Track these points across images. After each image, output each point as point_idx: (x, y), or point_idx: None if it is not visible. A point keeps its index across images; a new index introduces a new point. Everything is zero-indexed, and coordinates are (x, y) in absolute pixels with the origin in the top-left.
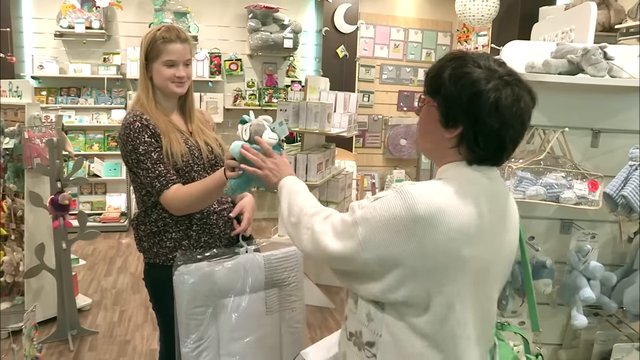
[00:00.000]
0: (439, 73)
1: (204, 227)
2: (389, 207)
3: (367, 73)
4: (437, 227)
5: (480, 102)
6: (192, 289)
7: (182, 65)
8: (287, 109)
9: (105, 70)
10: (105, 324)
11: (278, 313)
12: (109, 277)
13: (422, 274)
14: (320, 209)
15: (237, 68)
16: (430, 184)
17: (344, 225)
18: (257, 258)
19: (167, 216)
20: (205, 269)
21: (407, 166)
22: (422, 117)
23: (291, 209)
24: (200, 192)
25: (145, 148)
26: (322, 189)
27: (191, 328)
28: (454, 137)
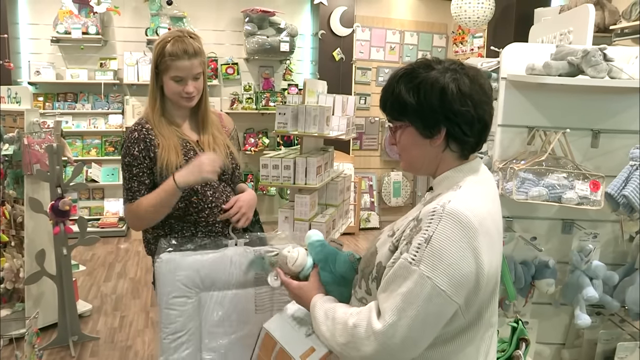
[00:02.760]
0: (396, 95)
1: (210, 235)
2: (449, 237)
3: (363, 76)
4: (486, 234)
5: (448, 96)
6: (173, 278)
7: (191, 79)
8: (285, 112)
9: (102, 76)
10: (106, 330)
11: (269, 312)
12: (109, 283)
13: (482, 286)
14: (358, 310)
15: (234, 72)
16: (460, 194)
17: (414, 296)
18: (247, 252)
19: (173, 221)
20: (188, 258)
21: None
22: (402, 143)
23: (333, 329)
24: (150, 202)
25: (129, 161)
26: (321, 192)
27: (171, 318)
28: (441, 141)
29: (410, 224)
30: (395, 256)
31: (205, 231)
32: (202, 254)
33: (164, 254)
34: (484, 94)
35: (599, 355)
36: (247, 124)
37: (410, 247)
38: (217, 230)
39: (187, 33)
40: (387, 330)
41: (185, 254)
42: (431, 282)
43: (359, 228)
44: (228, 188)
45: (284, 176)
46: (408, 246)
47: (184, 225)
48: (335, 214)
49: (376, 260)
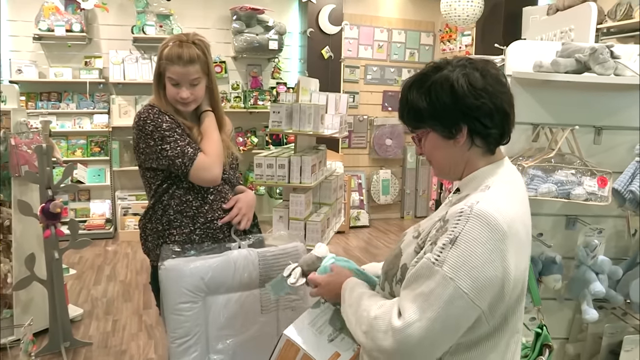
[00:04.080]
0: (410, 103)
1: (208, 232)
2: (476, 238)
3: (351, 74)
4: (514, 237)
5: (459, 92)
6: (178, 284)
7: (187, 85)
8: (280, 110)
9: (87, 74)
10: (99, 335)
11: (275, 312)
12: (99, 286)
13: (507, 291)
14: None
15: (222, 70)
16: (489, 195)
17: (436, 297)
18: (251, 254)
19: (172, 213)
20: (192, 264)
21: (392, 166)
22: (427, 149)
23: (359, 315)
24: (216, 136)
25: (168, 125)
26: (315, 190)
27: (177, 324)
28: (466, 138)
29: (436, 224)
30: (419, 256)
31: (203, 228)
32: (206, 258)
33: (167, 260)
34: (498, 83)
35: (604, 348)
36: (236, 123)
37: (434, 247)
38: (215, 227)
39: (191, 38)
40: (405, 329)
41: (188, 260)
42: (454, 283)
43: (349, 226)
44: (227, 187)
45: (279, 175)
46: (432, 247)
47: (183, 221)
48: (330, 213)
49: (400, 262)
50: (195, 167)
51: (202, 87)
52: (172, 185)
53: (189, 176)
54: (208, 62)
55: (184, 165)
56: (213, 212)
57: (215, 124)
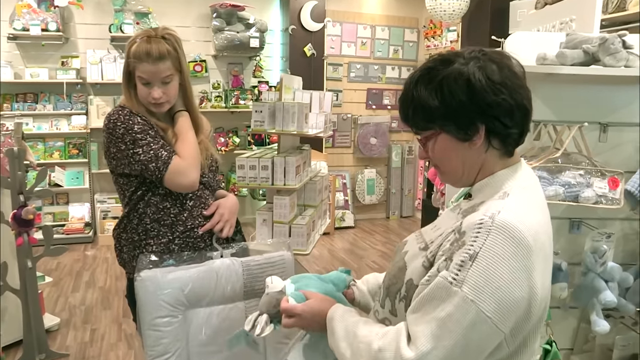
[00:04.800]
0: (417, 101)
1: (187, 241)
2: (499, 254)
3: (334, 71)
4: (540, 252)
5: (477, 88)
6: (155, 297)
7: (159, 84)
8: (262, 110)
9: (64, 75)
10: (76, 345)
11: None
12: (77, 293)
13: (534, 312)
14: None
15: (202, 69)
16: (510, 204)
17: (454, 322)
18: (234, 263)
19: (148, 222)
20: (171, 275)
21: (377, 165)
22: (437, 153)
23: (356, 348)
24: (192, 138)
25: (140, 127)
26: (299, 192)
27: (155, 340)
28: (483, 140)
29: (450, 236)
30: (432, 273)
31: (183, 237)
32: (186, 269)
33: (143, 271)
34: (516, 76)
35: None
36: (217, 123)
37: (450, 264)
38: (195, 235)
39: (160, 33)
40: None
41: (167, 270)
42: (475, 307)
43: (334, 227)
44: (207, 191)
45: (262, 177)
46: (448, 263)
47: (160, 230)
48: (315, 215)
49: (405, 277)
50: (170, 172)
51: (175, 85)
52: (147, 192)
53: (164, 182)
54: (180, 58)
55: (157, 170)
56: (193, 220)
57: (190, 125)
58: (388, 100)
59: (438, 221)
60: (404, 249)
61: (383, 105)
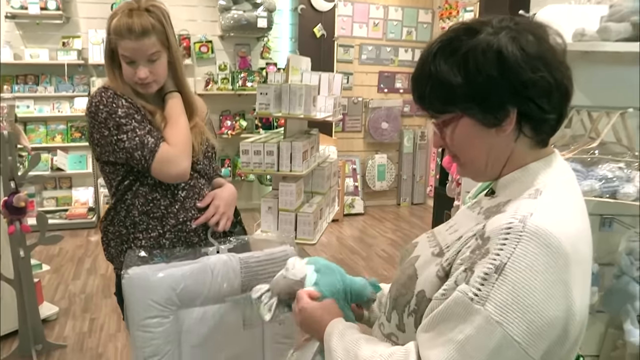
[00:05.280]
0: (435, 78)
1: (179, 235)
2: (532, 266)
3: (345, 53)
4: (580, 263)
5: (511, 62)
6: (145, 296)
7: (144, 62)
8: (267, 92)
9: (65, 56)
10: (75, 335)
11: (260, 328)
12: (77, 281)
13: (571, 335)
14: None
15: (208, 50)
16: (544, 204)
17: (475, 346)
18: (232, 260)
19: (137, 214)
20: (161, 272)
21: (389, 150)
22: (456, 141)
23: None
24: (183, 122)
25: (124, 111)
26: (306, 179)
27: (145, 341)
28: (514, 126)
29: (470, 242)
30: (448, 286)
31: (174, 231)
32: (178, 265)
33: (132, 268)
34: (555, 51)
35: None
36: (223, 105)
37: (471, 276)
38: (188, 229)
39: (143, 5)
40: None
41: (157, 268)
42: (501, 329)
43: (343, 214)
44: (202, 180)
45: (267, 162)
46: (468, 275)
47: (150, 223)
48: (323, 203)
49: (416, 288)
50: (157, 161)
51: (163, 63)
52: (135, 182)
53: (151, 171)
54: (167, 33)
55: (144, 158)
56: (185, 212)
57: (181, 107)
58: (400, 83)
59: (455, 220)
60: (413, 253)
61: (395, 88)
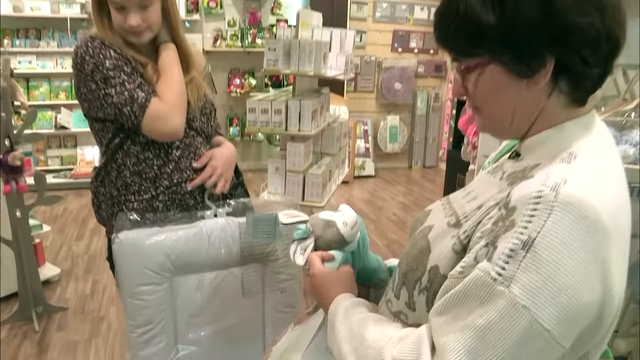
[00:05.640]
0: (463, 14)
1: (174, 198)
2: (565, 241)
3: (359, 10)
4: (620, 238)
5: (557, 3)
6: (137, 262)
7: (135, 9)
8: (276, 47)
9: (68, 9)
10: (76, 298)
11: (261, 295)
12: (81, 242)
13: (606, 321)
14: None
15: (217, 5)
16: (580, 171)
17: (498, 333)
18: (230, 225)
19: (128, 175)
20: (155, 237)
21: (401, 112)
22: (481, 89)
23: (363, 354)
24: (177, 75)
25: (113, 63)
26: (316, 139)
27: (137, 309)
28: (549, 78)
29: (492, 212)
30: (466, 262)
31: (168, 193)
32: (172, 230)
33: (123, 232)
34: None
35: None
36: (232, 63)
37: (494, 252)
38: (183, 191)
39: None
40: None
41: (150, 232)
42: (529, 315)
43: (353, 176)
44: (199, 139)
45: (275, 122)
46: (490, 250)
47: (142, 184)
48: (332, 164)
49: (429, 263)
50: (148, 117)
51: (157, 10)
52: (126, 140)
53: (142, 128)
54: None
55: (133, 114)
56: (180, 173)
57: (175, 59)
58: (415, 42)
59: (473, 187)
60: (426, 222)
61: (410, 48)
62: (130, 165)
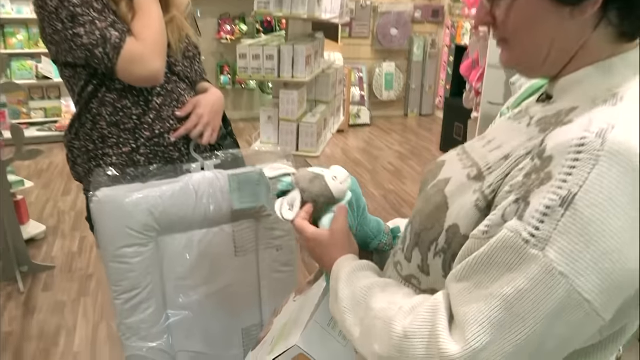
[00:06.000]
0: None
1: (156, 150)
2: (612, 198)
3: None
4: None
5: None
6: (118, 222)
7: None
8: None
9: None
10: (63, 256)
11: (254, 254)
12: (67, 197)
13: None
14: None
15: None
16: (627, 115)
17: (529, 304)
18: (219, 178)
19: (105, 126)
20: (137, 194)
21: (397, 58)
22: (517, 19)
23: (369, 325)
24: (155, 13)
25: (75, 5)
26: (310, 86)
27: (121, 274)
28: (598, 8)
29: (523, 162)
30: (492, 221)
31: (150, 145)
32: (156, 185)
33: (101, 190)
34: None
35: None
36: (221, 8)
37: (526, 210)
38: (166, 143)
39: None
40: None
41: (131, 188)
42: (567, 283)
43: (348, 125)
44: (182, 85)
45: (267, 68)
46: (521, 207)
47: (121, 136)
48: (327, 112)
49: (446, 222)
50: (123, 59)
51: None
52: (100, 87)
53: (117, 73)
54: None
55: (106, 57)
56: (162, 123)
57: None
58: None
59: (493, 134)
60: (440, 175)
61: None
62: (106, 115)
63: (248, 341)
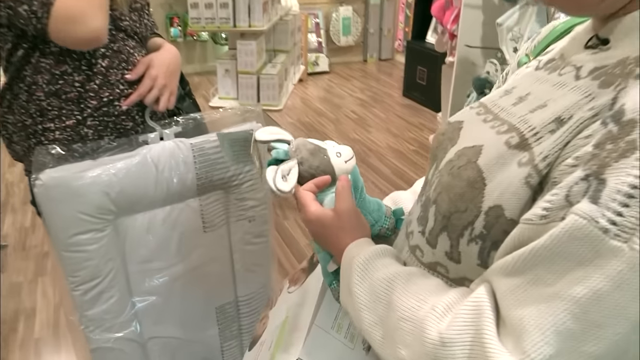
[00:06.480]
0: None
1: (106, 122)
2: None
3: None
4: None
5: None
6: (68, 207)
7: None
8: None
9: None
10: (15, 232)
11: (225, 227)
12: (15, 168)
13: None
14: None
15: None
16: None
17: (608, 307)
18: (181, 147)
19: (43, 96)
20: (88, 173)
21: (354, 2)
22: None
23: (393, 327)
24: None
25: None
26: (268, 35)
27: (77, 263)
28: None
29: (591, 127)
30: (553, 203)
31: (98, 115)
32: (110, 162)
33: (44, 172)
34: None
35: None
36: None
37: (603, 189)
38: (117, 112)
39: None
40: None
41: (80, 168)
42: None
43: (307, 73)
44: (131, 42)
45: (221, 17)
46: (593, 185)
47: (63, 107)
48: (287, 62)
49: (485, 202)
50: (55, 18)
51: None
52: (32, 51)
53: (49, 35)
54: None
55: (33, 16)
56: (111, 89)
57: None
58: None
59: (523, 88)
60: (462, 140)
61: None
62: (43, 84)
63: (223, 319)
